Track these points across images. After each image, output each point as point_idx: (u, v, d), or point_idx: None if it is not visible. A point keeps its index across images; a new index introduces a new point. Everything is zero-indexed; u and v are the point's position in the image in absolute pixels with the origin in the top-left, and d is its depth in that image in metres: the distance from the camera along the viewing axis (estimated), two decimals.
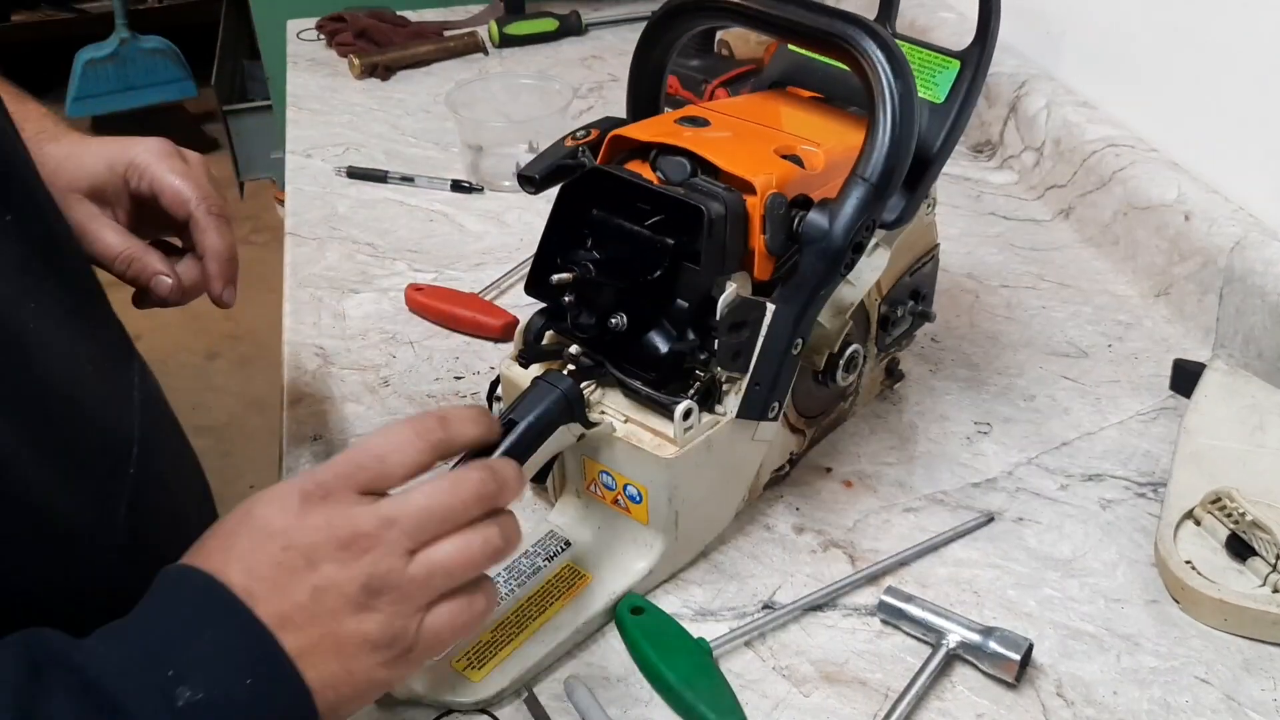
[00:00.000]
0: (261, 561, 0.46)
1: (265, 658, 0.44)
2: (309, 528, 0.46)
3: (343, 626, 0.46)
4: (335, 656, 0.46)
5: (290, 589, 0.45)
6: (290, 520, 0.47)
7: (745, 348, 0.63)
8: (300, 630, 0.45)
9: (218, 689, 0.43)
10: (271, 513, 0.47)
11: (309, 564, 0.46)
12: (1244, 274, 0.82)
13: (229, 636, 0.44)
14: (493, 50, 1.45)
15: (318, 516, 0.47)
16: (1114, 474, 0.75)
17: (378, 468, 0.49)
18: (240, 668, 0.44)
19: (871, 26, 0.62)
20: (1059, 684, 0.60)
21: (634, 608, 0.63)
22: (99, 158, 0.69)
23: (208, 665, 0.43)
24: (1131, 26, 1.00)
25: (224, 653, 0.44)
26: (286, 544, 0.46)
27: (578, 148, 0.68)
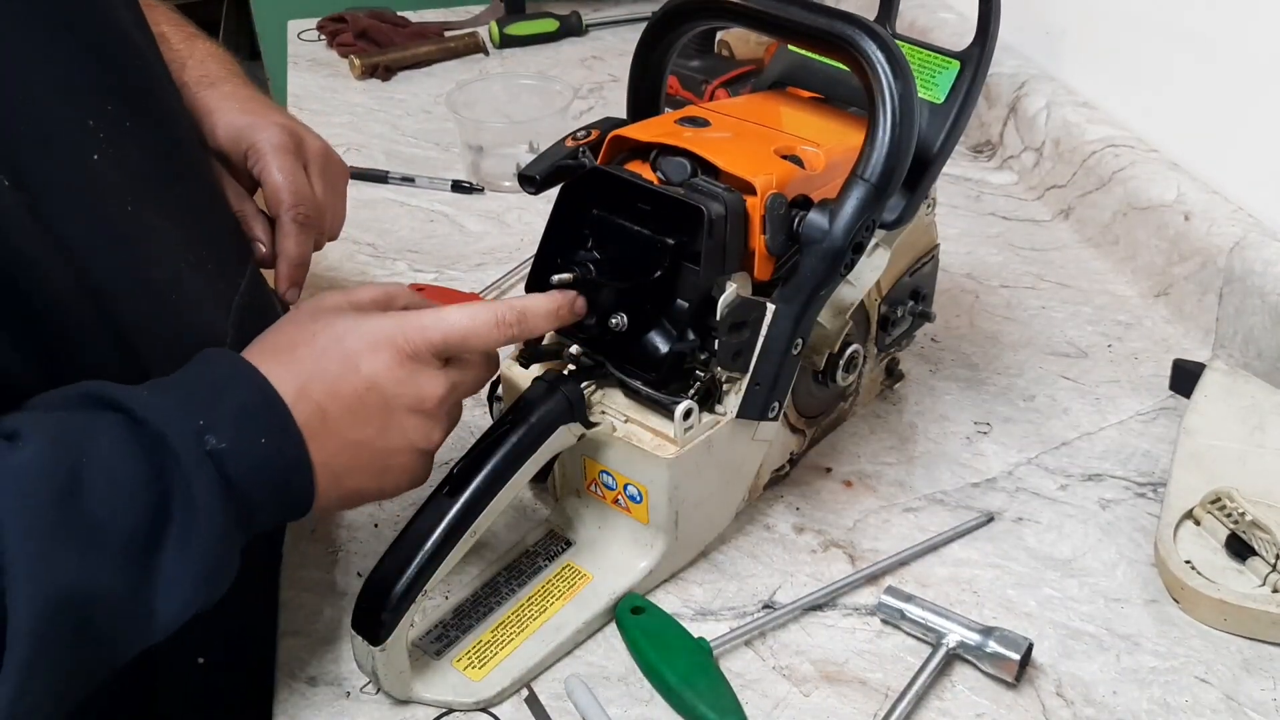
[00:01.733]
0: (345, 390, 0.54)
1: (279, 423, 0.52)
2: (394, 379, 0.55)
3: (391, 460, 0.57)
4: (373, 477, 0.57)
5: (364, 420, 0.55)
6: (379, 365, 0.55)
7: (745, 348, 0.63)
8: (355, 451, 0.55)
9: (238, 442, 0.51)
10: (363, 350, 0.55)
11: (385, 407, 0.55)
12: (1244, 274, 0.82)
13: (250, 401, 0.52)
14: (493, 50, 1.45)
15: (404, 371, 0.55)
16: (1114, 474, 0.75)
17: (460, 346, 0.57)
18: (257, 426, 0.52)
19: (871, 27, 0.62)
20: (1059, 684, 0.60)
21: (634, 607, 0.63)
22: (230, 127, 0.76)
23: (232, 421, 0.51)
24: (1131, 26, 1.00)
25: (245, 412, 0.52)
26: (371, 384, 0.55)
27: (578, 148, 0.68)
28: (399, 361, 0.55)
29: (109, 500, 0.47)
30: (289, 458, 0.53)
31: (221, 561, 0.51)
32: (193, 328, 0.62)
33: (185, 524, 0.49)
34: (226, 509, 0.50)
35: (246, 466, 0.51)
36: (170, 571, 0.48)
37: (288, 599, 0.66)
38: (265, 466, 0.52)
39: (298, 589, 0.66)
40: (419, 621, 0.62)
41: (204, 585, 0.50)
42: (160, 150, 0.63)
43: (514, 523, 0.70)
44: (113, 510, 0.47)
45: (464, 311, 0.58)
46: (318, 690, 0.60)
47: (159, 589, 0.48)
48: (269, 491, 0.52)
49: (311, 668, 0.61)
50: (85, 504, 0.46)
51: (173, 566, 0.48)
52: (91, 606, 0.46)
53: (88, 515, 0.46)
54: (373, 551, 0.66)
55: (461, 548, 0.57)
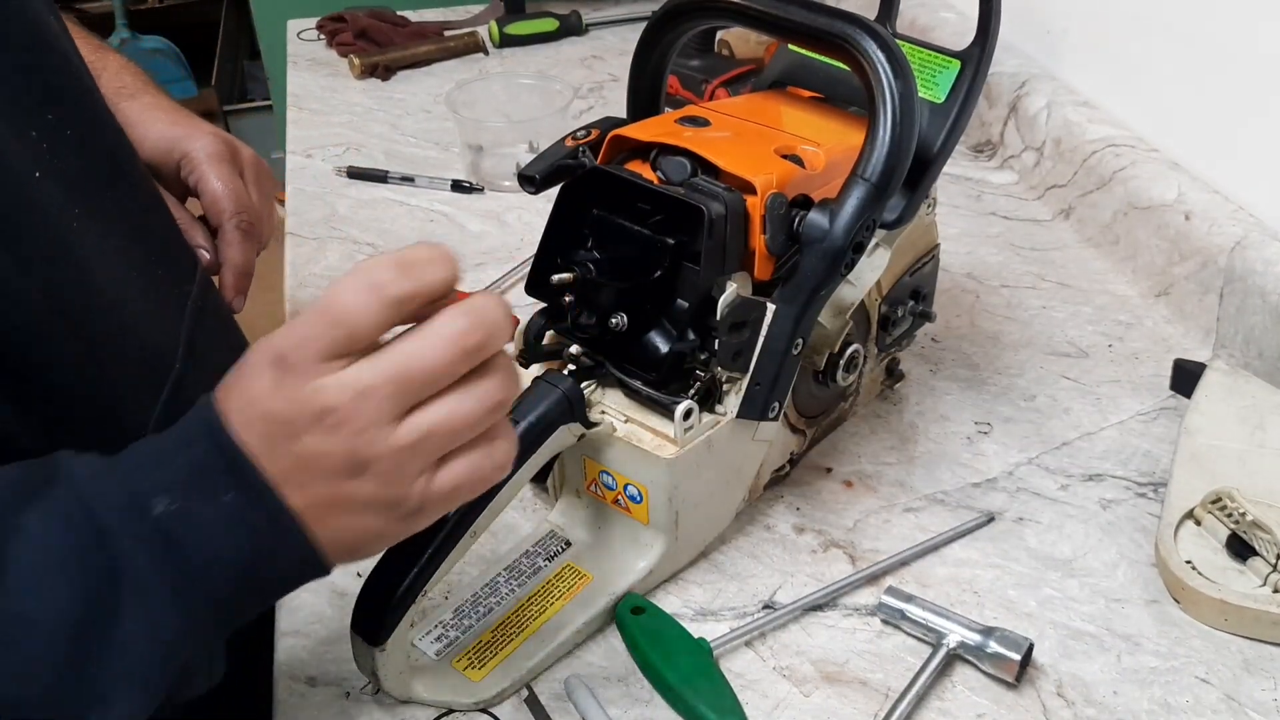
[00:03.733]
0: (250, 423, 0.44)
1: (242, 477, 0.44)
2: (282, 398, 0.44)
3: (340, 490, 0.45)
4: (342, 512, 0.46)
5: (279, 455, 0.44)
6: (264, 389, 0.44)
7: (745, 348, 0.63)
8: (300, 489, 0.45)
9: (193, 501, 0.43)
10: (250, 378, 0.45)
11: (290, 435, 0.44)
12: (1244, 274, 0.82)
13: (208, 455, 0.44)
14: (493, 50, 1.45)
15: (287, 388, 0.44)
16: (1114, 474, 0.75)
17: (337, 334, 0.44)
18: (217, 484, 0.44)
19: (872, 26, 0.62)
20: (1059, 684, 0.60)
21: (634, 608, 0.63)
22: (161, 139, 0.74)
23: (186, 479, 0.44)
24: (1131, 26, 1.00)
25: (202, 469, 0.44)
26: (265, 413, 0.44)
27: (578, 148, 0.68)
28: (279, 379, 0.44)
29: (34, 589, 0.41)
30: (261, 512, 0.44)
31: (184, 647, 0.44)
32: (146, 336, 0.61)
33: (130, 606, 0.42)
34: (176, 584, 0.43)
35: (207, 530, 0.43)
36: (123, 663, 0.42)
37: (288, 599, 0.66)
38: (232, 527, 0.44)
39: (297, 590, 0.66)
40: (419, 621, 0.62)
41: (164, 676, 0.43)
42: (98, 158, 0.61)
43: (514, 523, 0.70)
44: (45, 598, 0.41)
45: (331, 289, 0.45)
46: (318, 690, 0.60)
47: (105, 685, 0.42)
48: (247, 553, 0.44)
49: (311, 668, 0.61)
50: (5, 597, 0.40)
51: (125, 657, 0.42)
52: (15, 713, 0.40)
53: (10, 605, 0.40)
54: None
55: (461, 548, 0.56)
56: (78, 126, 0.59)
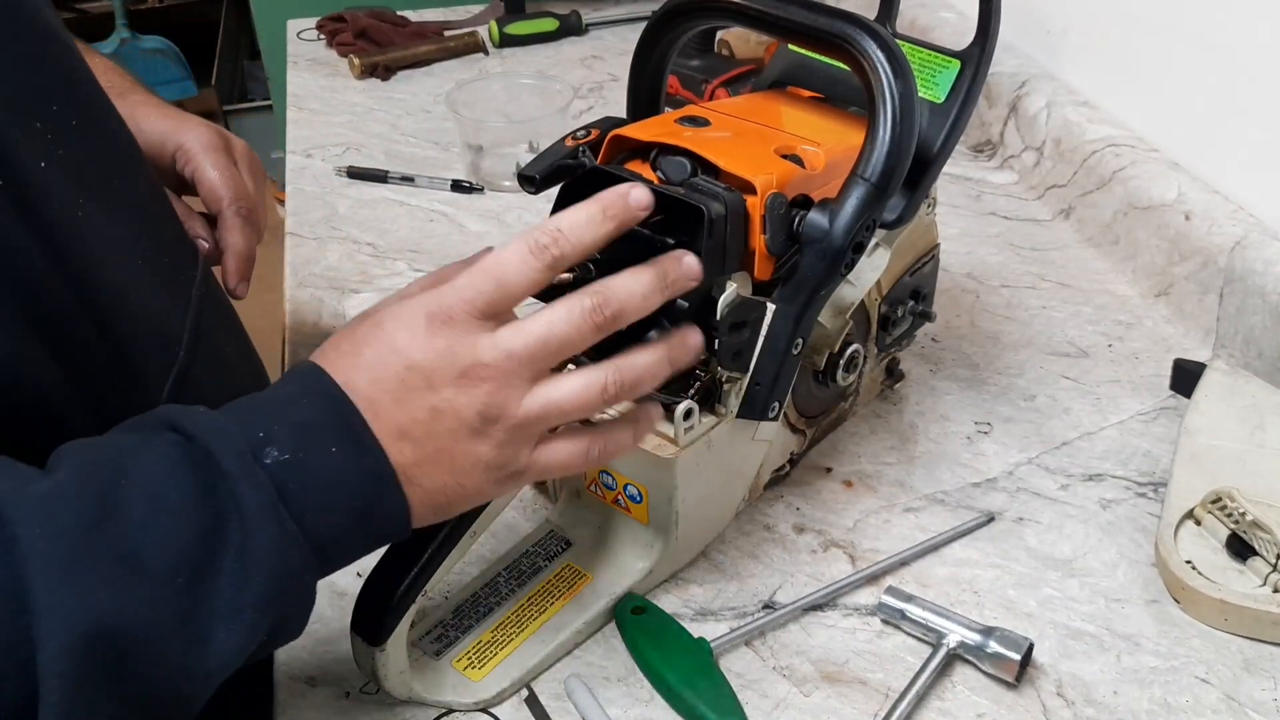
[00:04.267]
0: (386, 375, 0.48)
1: (352, 433, 0.47)
2: (431, 351, 0.48)
3: (458, 446, 0.49)
4: (449, 470, 0.49)
5: (410, 405, 0.48)
6: (415, 340, 0.48)
7: (745, 348, 0.63)
8: (417, 443, 0.48)
9: (304, 453, 0.46)
10: (398, 329, 0.49)
11: (429, 386, 0.48)
12: (1244, 274, 0.82)
13: (320, 410, 0.47)
14: (493, 50, 1.45)
15: (440, 340, 0.48)
16: (1114, 474, 0.75)
17: (498, 293, 0.49)
18: (326, 437, 0.46)
19: (872, 26, 0.62)
20: (1059, 684, 0.60)
21: (634, 607, 0.63)
22: (154, 132, 0.75)
23: (296, 431, 0.46)
24: (1131, 26, 1.00)
25: (313, 422, 0.47)
26: (409, 363, 0.48)
27: (578, 148, 0.68)
28: (432, 331, 0.48)
29: (149, 525, 0.43)
30: (366, 467, 0.47)
31: (285, 591, 0.46)
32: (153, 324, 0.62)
33: (240, 548, 0.44)
34: (285, 529, 0.45)
35: (314, 480, 0.46)
36: (223, 603, 0.44)
37: None
38: (338, 480, 0.46)
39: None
40: (419, 621, 0.62)
41: (263, 618, 0.45)
42: (100, 149, 0.62)
43: (514, 523, 0.70)
44: (154, 536, 0.43)
45: (493, 253, 0.50)
46: (318, 690, 0.60)
47: (210, 623, 0.44)
48: (349, 507, 0.47)
49: (311, 668, 0.61)
50: (122, 529, 0.42)
51: (226, 597, 0.44)
52: (130, 642, 0.42)
53: (125, 542, 0.42)
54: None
55: (462, 548, 0.56)
56: (81, 117, 0.59)
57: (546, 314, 0.49)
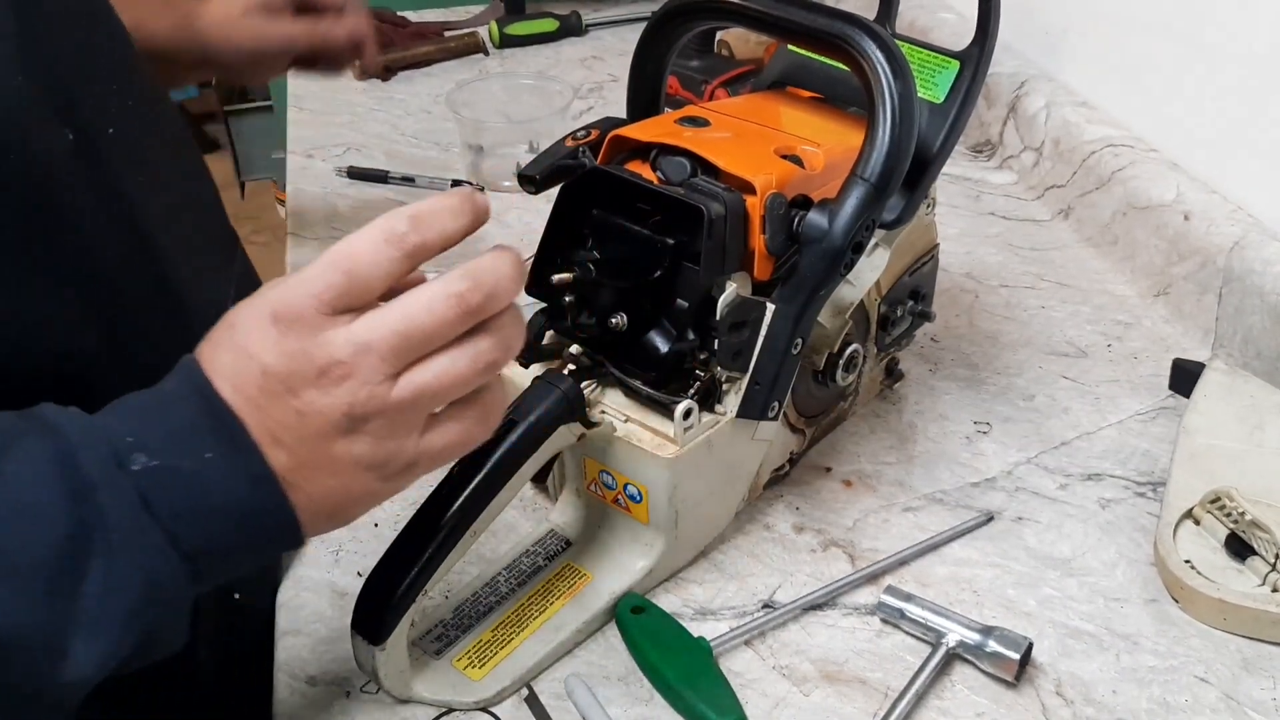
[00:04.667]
0: (245, 381, 0.45)
1: (229, 436, 0.44)
2: (284, 353, 0.44)
3: (332, 448, 0.45)
4: (328, 474, 0.46)
5: (274, 411, 0.45)
6: (266, 344, 0.44)
7: (745, 347, 0.63)
8: (291, 449, 0.45)
9: (174, 458, 0.43)
10: (248, 332, 0.45)
11: (289, 390, 0.44)
12: (1243, 274, 0.82)
13: (197, 411, 0.44)
14: (493, 50, 1.45)
15: (290, 342, 0.44)
16: (1113, 474, 0.75)
17: (348, 285, 0.44)
18: (201, 442, 0.43)
19: (871, 27, 0.62)
20: (1058, 683, 0.61)
21: (634, 607, 0.63)
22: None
23: (170, 437, 0.43)
24: (1131, 26, 1.00)
25: (187, 427, 0.44)
26: (264, 369, 0.44)
27: (578, 148, 0.68)
28: (281, 333, 0.44)
29: (12, 527, 0.41)
30: (243, 472, 0.44)
31: (154, 602, 0.43)
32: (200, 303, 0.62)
33: (106, 558, 0.42)
34: (149, 539, 0.43)
35: (186, 487, 0.43)
36: (85, 614, 0.42)
37: (288, 599, 0.66)
38: (213, 486, 0.44)
39: (298, 589, 0.66)
40: (419, 621, 0.62)
41: (128, 633, 0.43)
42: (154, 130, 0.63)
43: (514, 523, 0.71)
44: (16, 539, 0.41)
45: (344, 242, 0.45)
46: (318, 690, 0.60)
47: (70, 633, 0.42)
48: (226, 514, 0.44)
49: (311, 668, 0.61)
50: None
51: (89, 608, 0.42)
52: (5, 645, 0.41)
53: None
54: (373, 551, 0.66)
55: (461, 548, 0.57)
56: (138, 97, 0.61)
57: (405, 301, 0.45)
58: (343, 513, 0.48)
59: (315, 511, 0.46)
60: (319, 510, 0.46)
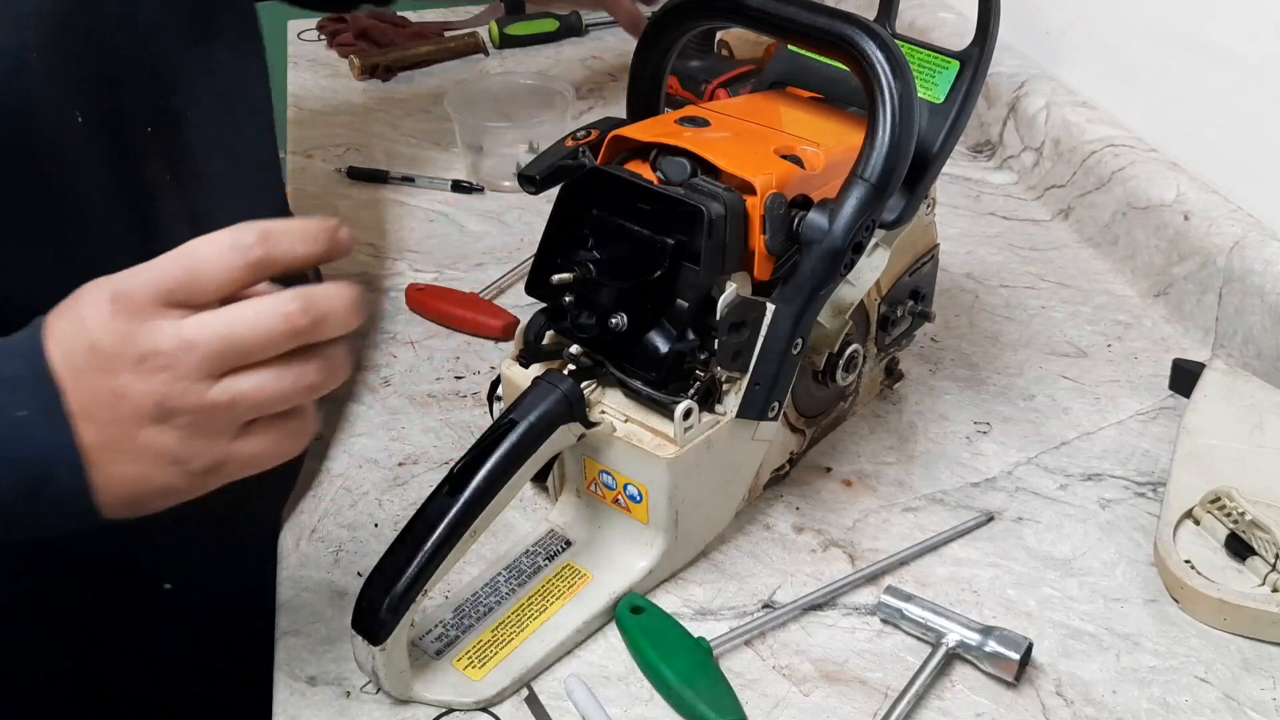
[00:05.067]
0: (73, 352, 0.46)
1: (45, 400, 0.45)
2: (112, 332, 0.46)
3: (140, 433, 0.46)
4: (132, 459, 0.47)
5: (92, 386, 0.46)
6: (99, 320, 0.46)
7: (745, 348, 0.63)
8: (101, 426, 0.46)
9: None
10: (88, 306, 0.46)
11: (108, 368, 0.46)
12: (1243, 274, 0.82)
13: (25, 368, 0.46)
14: (493, 51, 1.45)
15: (120, 323, 0.46)
16: (1113, 474, 0.75)
17: (186, 280, 0.46)
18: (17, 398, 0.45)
19: (871, 27, 0.62)
20: (1058, 683, 0.61)
21: (634, 607, 0.63)
22: None
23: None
24: (1131, 26, 1.00)
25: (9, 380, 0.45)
26: (91, 343, 0.46)
27: (578, 148, 0.68)
28: (114, 312, 0.46)
29: None
30: (45, 438, 0.46)
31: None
32: None
33: None
34: None
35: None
36: None
37: (288, 599, 0.66)
38: (8, 444, 0.45)
39: (298, 589, 0.66)
40: (419, 621, 0.62)
41: None
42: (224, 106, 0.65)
43: (514, 523, 0.70)
44: None
45: (196, 240, 0.47)
46: (318, 690, 0.60)
47: None
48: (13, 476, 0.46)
49: (311, 668, 0.61)
50: None
51: None
52: None
53: None
54: (373, 551, 0.67)
55: (461, 548, 0.57)
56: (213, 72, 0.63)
57: (236, 309, 0.46)
58: (142, 501, 0.49)
59: (113, 494, 0.47)
60: (117, 493, 0.48)
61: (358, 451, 0.77)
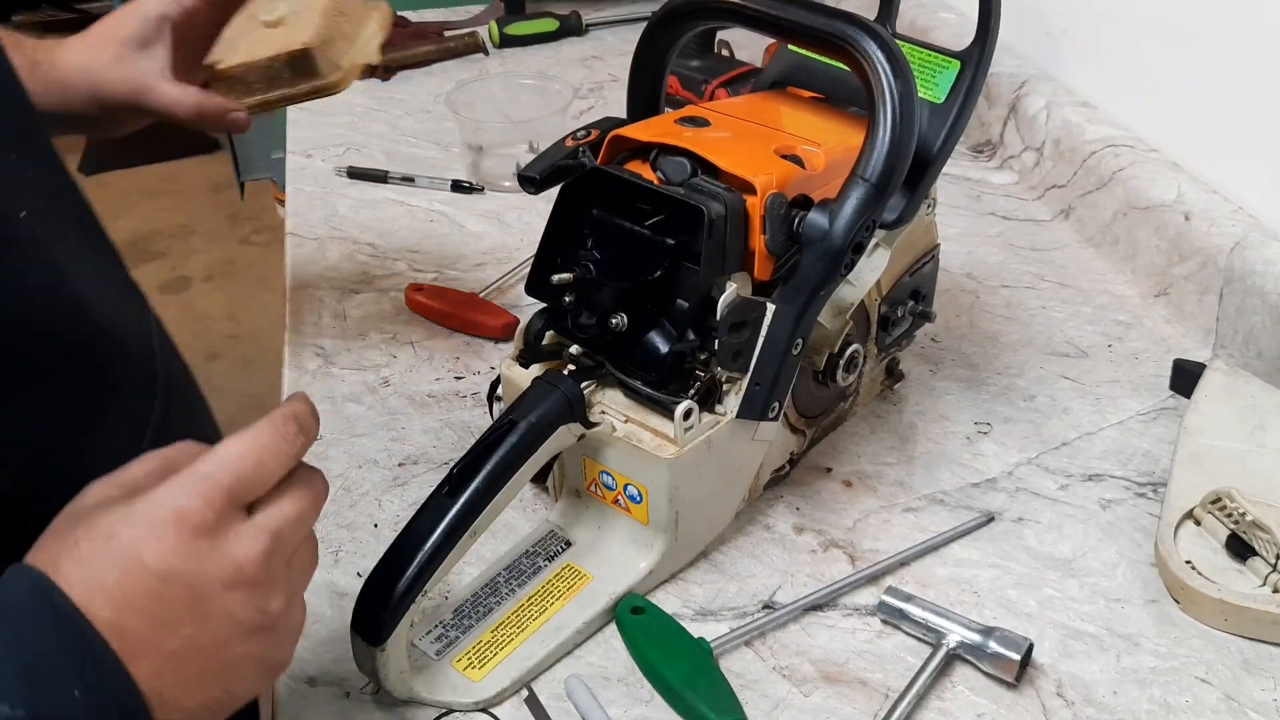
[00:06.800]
0: (136, 593, 0.41)
1: (96, 666, 0.40)
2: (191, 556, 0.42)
3: (229, 652, 0.44)
4: (216, 682, 0.44)
5: (173, 623, 0.42)
6: (167, 548, 0.42)
7: (745, 348, 0.63)
8: (181, 664, 0.42)
9: (41, 701, 0.38)
10: (145, 539, 0.42)
11: (194, 595, 0.42)
12: (1244, 274, 0.82)
13: (54, 638, 0.40)
14: (493, 50, 1.45)
15: (201, 543, 0.43)
16: (1114, 474, 0.75)
17: (259, 479, 0.45)
18: (66, 676, 0.39)
19: (872, 27, 0.62)
20: (1059, 684, 0.60)
21: (634, 608, 0.63)
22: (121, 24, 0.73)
23: (27, 672, 0.39)
24: (1131, 27, 1.00)
25: (46, 656, 0.39)
26: (165, 577, 0.42)
27: (578, 148, 0.68)
28: (192, 534, 0.42)
29: None
30: (115, 706, 0.40)
31: None
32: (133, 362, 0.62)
33: None
34: None
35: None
36: None
37: None
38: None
39: None
40: (419, 621, 0.62)
41: None
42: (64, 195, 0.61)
43: (514, 523, 0.70)
44: None
45: (243, 440, 0.45)
46: (318, 690, 0.60)
47: None
48: None
49: (311, 667, 0.61)
50: None
51: None
52: None
53: None
54: (373, 551, 0.66)
55: (461, 548, 0.57)
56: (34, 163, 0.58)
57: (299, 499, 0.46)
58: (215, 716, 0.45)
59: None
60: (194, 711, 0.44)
61: (358, 451, 0.77)
